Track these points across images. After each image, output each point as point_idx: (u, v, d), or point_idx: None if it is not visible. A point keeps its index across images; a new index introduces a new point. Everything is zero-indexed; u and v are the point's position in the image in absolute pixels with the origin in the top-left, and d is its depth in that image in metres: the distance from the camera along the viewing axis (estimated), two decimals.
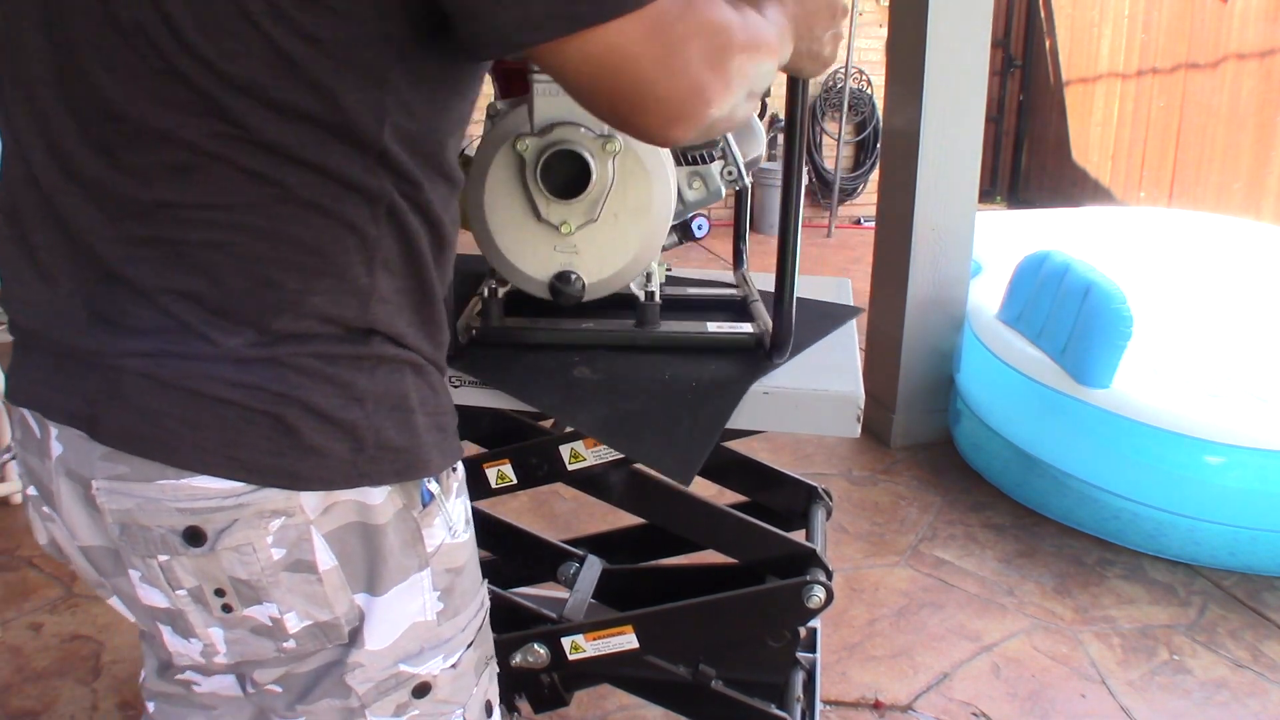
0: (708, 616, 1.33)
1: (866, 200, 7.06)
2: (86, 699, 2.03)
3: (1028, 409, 2.88)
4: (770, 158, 7.16)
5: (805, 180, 6.43)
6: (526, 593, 1.63)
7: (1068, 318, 2.83)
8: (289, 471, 0.75)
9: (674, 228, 1.28)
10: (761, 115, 1.23)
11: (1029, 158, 8.07)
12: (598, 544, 1.66)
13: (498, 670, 0.98)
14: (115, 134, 0.72)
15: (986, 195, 7.59)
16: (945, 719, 2.05)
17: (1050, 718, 2.06)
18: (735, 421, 1.15)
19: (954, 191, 3.25)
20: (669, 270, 1.39)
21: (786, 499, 1.59)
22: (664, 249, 1.24)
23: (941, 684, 2.15)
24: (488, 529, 1.62)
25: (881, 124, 5.02)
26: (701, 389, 1.15)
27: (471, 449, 1.38)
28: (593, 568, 1.57)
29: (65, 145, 0.74)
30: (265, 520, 0.75)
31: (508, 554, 1.63)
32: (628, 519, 1.53)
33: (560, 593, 1.55)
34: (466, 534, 0.89)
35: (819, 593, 1.27)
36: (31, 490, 0.87)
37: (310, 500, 0.76)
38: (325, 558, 0.78)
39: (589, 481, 1.33)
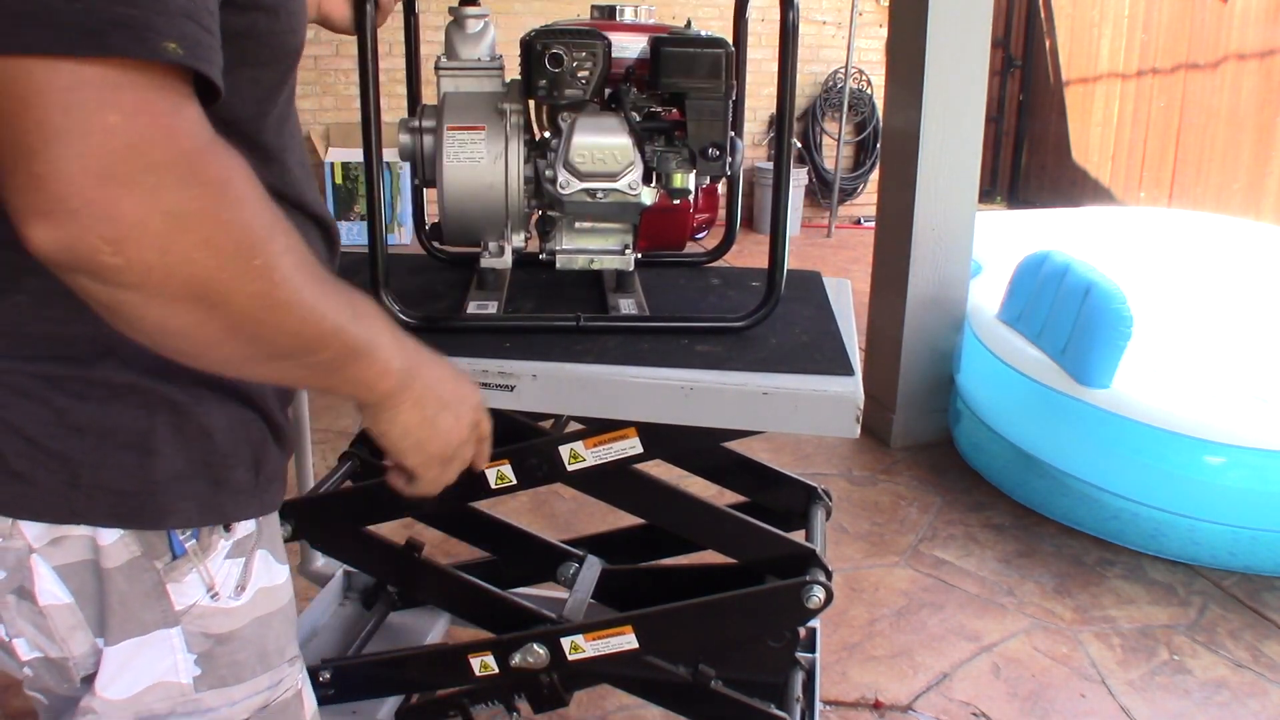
0: (707, 617, 1.33)
1: (866, 200, 7.05)
2: None
3: (1028, 409, 2.88)
4: (770, 157, 7.16)
5: (805, 180, 6.41)
6: (526, 593, 1.63)
7: (1068, 318, 2.83)
8: None
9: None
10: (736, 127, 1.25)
11: (1029, 158, 8.07)
12: (598, 544, 1.66)
13: None
14: None
15: (986, 195, 7.59)
16: (945, 719, 2.05)
17: (1050, 718, 2.06)
18: (733, 421, 1.15)
19: (954, 191, 3.25)
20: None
21: (786, 499, 1.59)
22: None
23: (941, 684, 2.15)
24: (488, 529, 1.63)
25: (881, 124, 5.02)
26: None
27: None
28: (592, 568, 1.57)
29: None
30: None
31: (507, 554, 1.63)
32: (628, 519, 1.53)
33: (560, 593, 1.55)
34: (240, 600, 0.78)
35: (818, 593, 1.27)
36: None
37: (31, 528, 0.70)
38: (54, 591, 0.72)
39: (588, 482, 1.33)
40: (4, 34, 0.52)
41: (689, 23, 1.30)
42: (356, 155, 5.78)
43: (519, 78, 1.25)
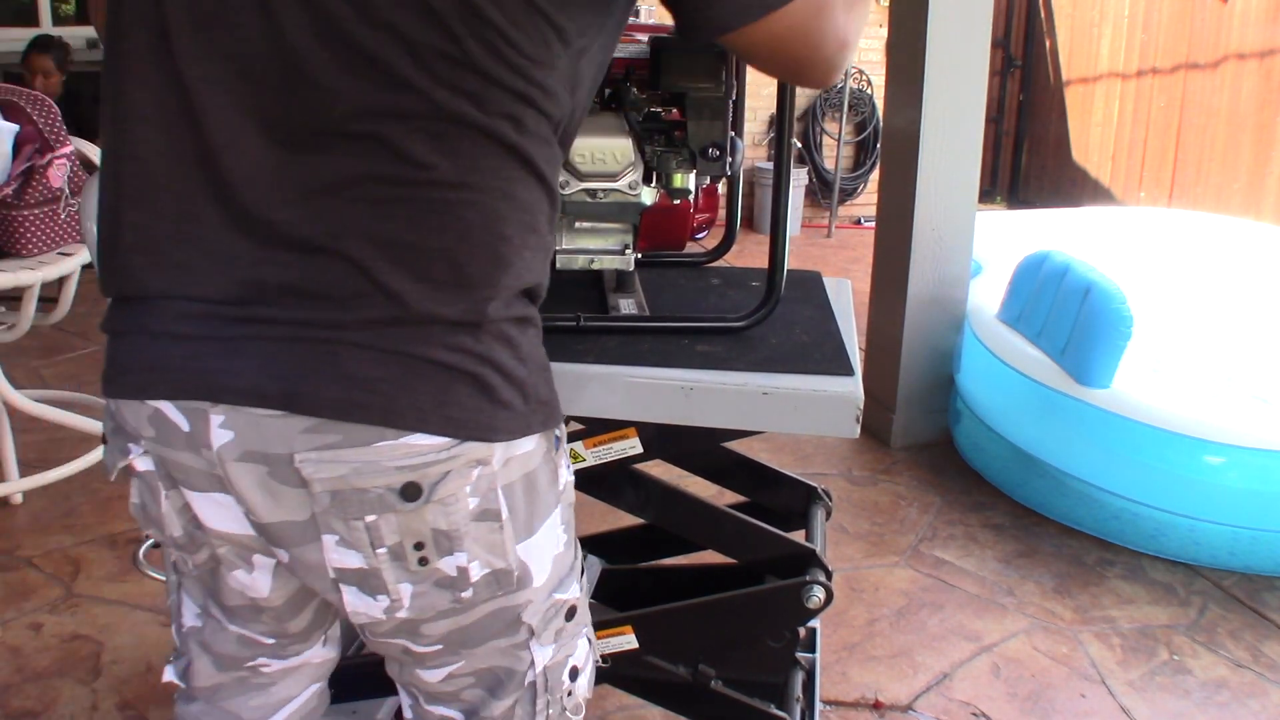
0: (707, 617, 1.33)
1: (866, 200, 7.05)
2: (86, 699, 2.03)
3: (1028, 409, 2.88)
4: (770, 157, 7.16)
5: (805, 180, 6.39)
6: None
7: (1068, 318, 2.83)
8: (488, 425, 0.84)
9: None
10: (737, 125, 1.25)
11: (1029, 158, 8.07)
12: (598, 544, 1.67)
13: None
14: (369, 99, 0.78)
15: (986, 195, 7.59)
16: (945, 719, 2.05)
17: (1050, 718, 2.06)
18: (733, 421, 1.15)
19: (954, 191, 3.25)
20: None
21: (786, 499, 1.59)
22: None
23: (941, 684, 2.15)
24: None
25: (881, 124, 5.02)
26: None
27: None
28: (593, 568, 1.57)
29: (280, 118, 0.79)
30: (470, 470, 0.83)
31: None
32: (628, 519, 1.53)
33: None
34: (572, 474, 1.00)
35: (818, 593, 1.28)
36: (168, 487, 0.89)
37: (499, 451, 0.85)
38: (503, 507, 0.86)
39: (589, 482, 1.33)
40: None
41: None
42: None
43: None
